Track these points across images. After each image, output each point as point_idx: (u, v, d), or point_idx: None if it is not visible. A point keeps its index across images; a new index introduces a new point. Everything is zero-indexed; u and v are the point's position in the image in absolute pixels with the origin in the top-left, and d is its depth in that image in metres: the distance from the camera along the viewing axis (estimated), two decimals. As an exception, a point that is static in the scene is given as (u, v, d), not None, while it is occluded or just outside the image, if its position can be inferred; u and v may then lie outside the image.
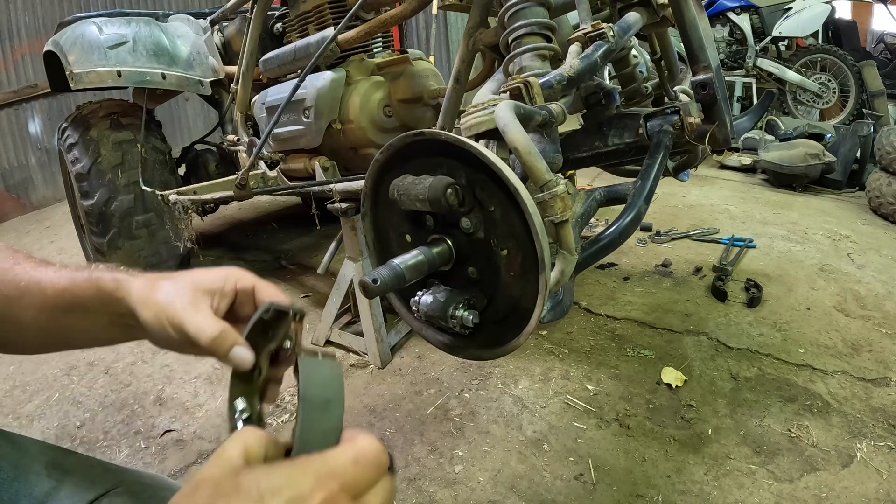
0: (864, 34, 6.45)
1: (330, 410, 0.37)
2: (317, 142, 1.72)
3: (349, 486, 0.32)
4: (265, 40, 2.03)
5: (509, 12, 0.93)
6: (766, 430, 1.34)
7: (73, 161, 2.11)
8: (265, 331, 0.48)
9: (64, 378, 1.81)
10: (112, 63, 1.99)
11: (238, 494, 0.30)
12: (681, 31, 0.96)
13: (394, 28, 1.91)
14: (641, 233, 2.61)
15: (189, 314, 0.47)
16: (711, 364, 1.61)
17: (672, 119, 0.95)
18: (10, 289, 0.52)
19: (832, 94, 4.45)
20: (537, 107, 0.73)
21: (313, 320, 2.05)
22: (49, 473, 0.53)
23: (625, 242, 0.81)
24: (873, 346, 1.66)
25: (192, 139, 2.82)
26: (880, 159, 2.81)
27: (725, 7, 4.75)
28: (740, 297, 1.98)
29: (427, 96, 1.67)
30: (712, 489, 1.19)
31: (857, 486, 1.17)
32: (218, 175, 2.50)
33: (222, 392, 1.67)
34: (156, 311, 0.48)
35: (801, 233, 2.58)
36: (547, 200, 0.61)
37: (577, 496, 1.20)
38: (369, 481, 0.34)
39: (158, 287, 0.49)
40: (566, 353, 1.71)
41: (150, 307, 0.48)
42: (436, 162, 0.51)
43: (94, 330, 0.53)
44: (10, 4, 4.03)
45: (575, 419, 1.43)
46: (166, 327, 0.48)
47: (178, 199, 1.96)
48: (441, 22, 5.82)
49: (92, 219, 2.09)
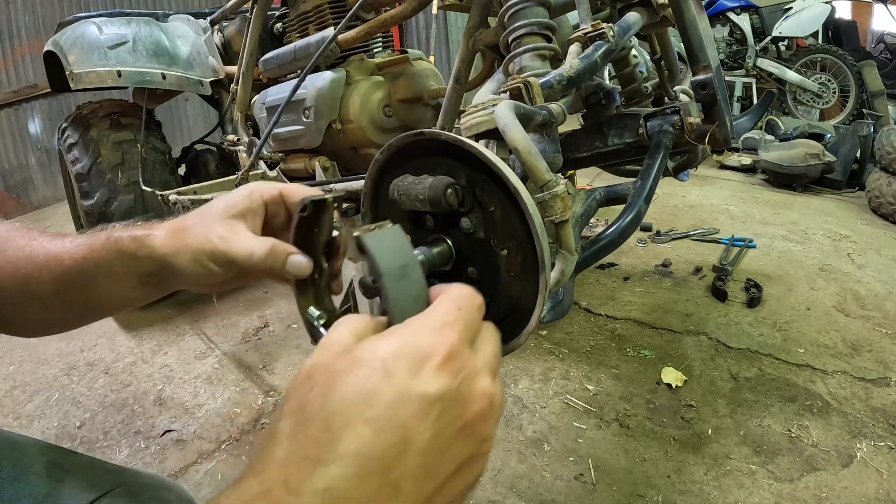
0: (864, 34, 6.45)
1: (410, 275, 0.35)
2: (317, 142, 1.72)
3: (464, 333, 0.31)
4: (265, 40, 2.03)
5: (509, 12, 0.93)
6: (766, 430, 1.34)
7: (73, 161, 2.11)
8: (310, 229, 0.47)
9: (64, 378, 1.81)
10: (112, 63, 1.99)
11: (359, 367, 0.28)
12: (681, 31, 0.96)
13: (394, 28, 1.91)
14: (641, 233, 2.61)
15: (232, 243, 0.46)
16: (711, 364, 1.61)
17: (672, 119, 0.95)
18: (28, 266, 0.51)
19: (832, 94, 4.45)
20: (537, 107, 0.73)
21: (313, 320, 2.05)
22: (49, 473, 0.53)
23: (625, 242, 0.81)
24: (873, 346, 1.66)
25: (192, 139, 2.82)
26: (880, 159, 2.81)
27: (725, 7, 4.75)
28: (740, 297, 1.98)
29: (427, 96, 1.67)
30: (712, 489, 1.19)
31: (857, 486, 1.17)
32: (218, 175, 2.49)
33: (222, 392, 1.67)
34: (193, 254, 0.47)
35: (801, 233, 2.58)
36: (547, 200, 0.61)
37: (577, 496, 1.20)
38: (477, 324, 0.33)
39: (186, 231, 0.48)
40: (566, 353, 1.71)
41: (186, 253, 0.47)
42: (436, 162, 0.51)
43: (123, 293, 0.52)
44: (10, 4, 4.03)
45: (575, 419, 1.43)
46: (209, 266, 0.47)
47: (178, 199, 1.96)
48: (441, 22, 5.82)
49: (92, 219, 2.09)
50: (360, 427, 0.26)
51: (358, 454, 0.25)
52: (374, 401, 0.26)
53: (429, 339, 0.29)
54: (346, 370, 0.28)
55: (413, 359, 0.28)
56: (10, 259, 0.52)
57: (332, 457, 0.25)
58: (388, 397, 0.26)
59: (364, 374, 0.27)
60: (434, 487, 0.28)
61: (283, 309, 2.18)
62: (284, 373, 1.75)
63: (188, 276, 0.48)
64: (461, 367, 0.29)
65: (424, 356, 0.28)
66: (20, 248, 0.52)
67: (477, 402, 0.29)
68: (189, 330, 2.06)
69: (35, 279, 0.51)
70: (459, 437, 0.28)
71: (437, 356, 0.28)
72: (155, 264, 0.49)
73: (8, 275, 0.51)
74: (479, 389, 0.29)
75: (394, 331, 0.30)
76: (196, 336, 2.02)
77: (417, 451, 0.26)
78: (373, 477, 0.25)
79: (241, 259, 0.46)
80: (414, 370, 0.27)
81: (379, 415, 0.26)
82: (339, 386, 0.27)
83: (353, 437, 0.26)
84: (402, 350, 0.28)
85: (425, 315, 0.31)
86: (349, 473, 0.25)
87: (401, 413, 0.26)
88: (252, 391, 1.67)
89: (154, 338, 2.02)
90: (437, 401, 0.27)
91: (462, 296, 0.33)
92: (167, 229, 0.49)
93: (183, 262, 0.47)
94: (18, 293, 0.51)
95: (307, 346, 1.89)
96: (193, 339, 2.00)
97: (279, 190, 0.51)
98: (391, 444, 0.26)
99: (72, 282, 0.51)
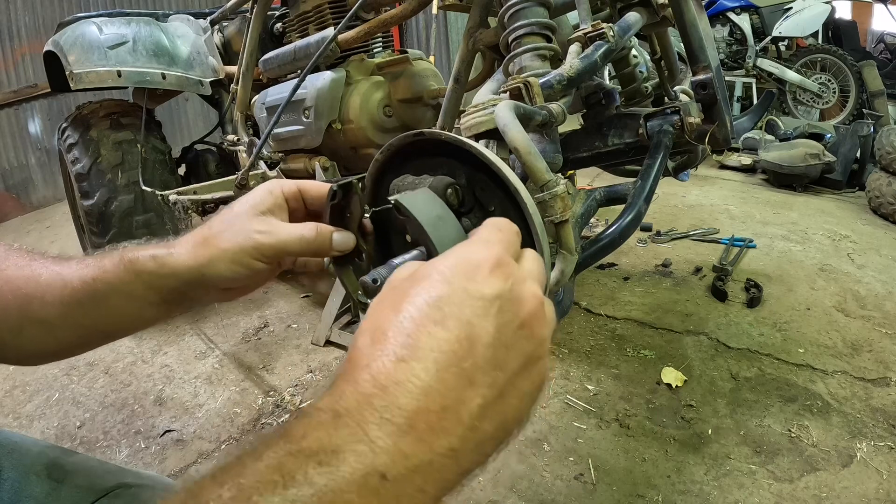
0: (864, 34, 6.45)
1: (447, 222, 0.40)
2: (317, 142, 1.72)
3: (507, 247, 0.34)
4: (265, 40, 2.03)
5: (509, 12, 0.93)
6: (766, 430, 1.34)
7: (73, 161, 2.11)
8: (342, 214, 0.49)
9: (64, 378, 1.81)
10: (112, 63, 1.99)
11: (422, 281, 0.31)
12: (681, 31, 0.96)
13: (394, 28, 1.91)
14: (641, 233, 2.61)
15: (278, 234, 0.47)
16: (711, 364, 1.61)
17: (672, 119, 0.95)
18: (29, 285, 0.49)
19: (832, 94, 4.45)
20: (537, 107, 0.73)
21: (314, 320, 2.05)
22: (50, 474, 0.53)
23: (625, 242, 0.81)
24: (873, 346, 1.66)
25: (192, 139, 2.82)
26: (880, 159, 2.81)
27: (725, 7, 4.75)
28: (740, 297, 1.98)
29: (427, 96, 1.67)
30: (712, 489, 1.19)
31: (857, 486, 1.17)
32: (218, 175, 2.49)
33: (222, 392, 1.67)
34: (233, 256, 0.47)
35: (801, 233, 2.58)
36: (547, 200, 0.61)
37: (577, 496, 1.20)
38: (517, 244, 0.36)
39: (216, 238, 0.48)
40: (566, 353, 1.71)
41: (223, 259, 0.47)
42: (436, 162, 0.51)
43: (140, 313, 0.51)
44: (10, 4, 4.03)
45: (575, 419, 1.43)
46: (252, 265, 0.47)
47: (178, 199, 1.96)
48: (441, 22, 5.81)
49: (92, 219, 2.09)
50: (431, 327, 0.29)
51: (433, 349, 0.28)
52: (440, 304, 0.30)
53: (478, 252, 0.32)
54: (410, 286, 0.31)
55: (467, 268, 0.31)
56: (9, 278, 0.50)
57: (410, 354, 0.28)
58: (452, 300, 0.30)
59: (427, 285, 0.31)
60: (505, 380, 0.30)
61: (283, 309, 2.18)
62: (284, 373, 1.75)
63: (224, 281, 0.48)
64: (510, 273, 0.32)
65: (477, 265, 0.31)
66: (20, 266, 0.50)
67: (529, 302, 0.32)
68: (189, 330, 2.06)
69: (37, 300, 0.49)
70: (520, 334, 0.31)
71: (488, 263, 0.31)
72: (179, 280, 0.48)
73: (7, 294, 0.49)
74: (529, 291, 0.32)
75: (446, 254, 0.34)
76: (196, 336, 2.02)
77: (485, 344, 0.29)
78: (449, 369, 0.28)
79: (292, 245, 0.47)
80: (470, 275, 0.31)
81: (446, 315, 0.29)
82: (407, 298, 0.30)
83: (427, 336, 0.29)
84: (457, 263, 0.32)
85: (470, 240, 0.35)
86: (428, 367, 0.28)
87: (465, 312, 0.29)
88: (252, 391, 1.67)
89: (154, 338, 2.02)
90: (495, 299, 0.30)
91: (499, 221, 0.37)
92: (191, 243, 0.49)
93: (220, 269, 0.47)
94: (18, 315, 0.49)
95: (307, 346, 1.89)
96: (193, 339, 2.00)
97: (297, 186, 0.51)
98: (460, 338, 0.29)
99: (81, 303, 0.49)
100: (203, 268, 0.47)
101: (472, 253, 0.32)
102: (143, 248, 0.50)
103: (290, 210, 0.51)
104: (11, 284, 0.50)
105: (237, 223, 0.48)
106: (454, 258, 0.32)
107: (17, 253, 0.52)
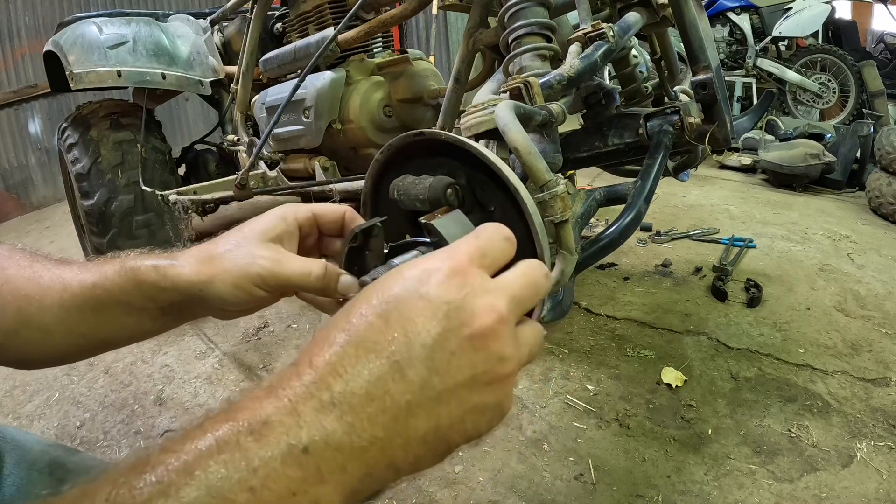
0: (864, 34, 6.45)
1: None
2: (317, 142, 1.72)
3: (474, 256, 0.34)
4: (265, 40, 2.03)
5: (509, 12, 0.93)
6: (766, 430, 1.34)
7: (73, 161, 2.11)
8: (361, 253, 0.48)
9: (64, 378, 1.81)
10: (112, 63, 1.99)
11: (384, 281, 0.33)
12: (681, 31, 0.96)
13: (394, 28, 1.91)
14: (641, 233, 2.61)
15: (285, 266, 0.46)
16: (711, 364, 1.61)
17: (672, 119, 0.95)
18: (30, 287, 0.48)
19: (832, 94, 4.45)
20: (537, 107, 0.73)
21: (314, 321, 2.05)
22: (52, 472, 0.53)
23: (625, 242, 0.81)
24: (873, 346, 1.66)
25: (192, 139, 2.82)
26: (880, 159, 2.81)
27: (725, 7, 4.75)
28: (740, 297, 1.98)
29: (427, 96, 1.67)
30: (712, 489, 1.19)
31: (857, 486, 1.17)
32: (218, 175, 2.50)
33: (222, 392, 1.67)
34: (235, 280, 0.46)
35: (801, 233, 2.58)
36: (547, 200, 0.61)
37: (577, 496, 1.20)
38: (497, 252, 0.35)
39: (221, 258, 0.47)
40: (566, 353, 1.71)
41: (225, 280, 0.46)
42: (436, 162, 0.51)
43: (138, 324, 0.50)
44: (10, 4, 4.03)
45: (575, 419, 1.43)
46: (253, 291, 0.46)
47: (178, 199, 1.96)
48: (441, 22, 5.81)
49: (92, 219, 2.09)
50: (373, 319, 0.31)
51: (369, 339, 0.30)
52: (388, 300, 0.31)
53: (439, 260, 0.33)
54: (374, 286, 0.33)
55: (423, 273, 0.32)
56: (10, 277, 0.49)
57: (347, 340, 0.30)
58: (400, 297, 0.31)
59: (386, 285, 0.32)
60: (443, 386, 0.30)
61: (283, 309, 2.18)
62: (284, 373, 1.75)
63: (223, 302, 0.47)
64: (466, 283, 0.32)
65: (434, 270, 0.32)
66: (22, 266, 0.50)
67: (484, 316, 0.31)
68: (189, 330, 2.06)
69: (36, 303, 0.48)
70: (468, 345, 0.31)
71: (444, 270, 0.32)
72: (180, 294, 0.47)
73: (6, 294, 0.48)
74: (485, 304, 0.31)
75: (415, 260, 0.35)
76: (196, 336, 2.02)
77: (422, 343, 0.30)
78: (380, 359, 0.29)
79: (296, 280, 0.46)
80: (424, 280, 0.32)
81: (390, 310, 0.31)
82: (367, 295, 0.33)
83: (367, 327, 0.30)
84: (419, 268, 0.33)
85: (439, 249, 0.36)
86: (360, 354, 0.29)
87: (409, 310, 0.31)
88: (252, 391, 1.67)
89: (154, 338, 2.02)
90: (443, 304, 0.31)
91: (484, 227, 0.37)
92: (195, 258, 0.48)
93: (220, 290, 0.46)
94: (16, 317, 0.48)
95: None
96: (193, 339, 2.00)
97: (312, 211, 0.51)
98: (398, 333, 0.30)
99: (79, 309, 0.48)
100: (204, 285, 0.47)
101: (433, 261, 0.33)
102: (145, 256, 0.49)
103: (303, 236, 0.51)
104: (11, 285, 0.49)
105: (244, 246, 0.47)
106: (420, 264, 0.33)
107: (20, 253, 0.52)
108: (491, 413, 0.32)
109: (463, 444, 0.32)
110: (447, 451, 0.32)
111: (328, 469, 0.27)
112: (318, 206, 0.51)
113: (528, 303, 0.34)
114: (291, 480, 0.26)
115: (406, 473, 0.31)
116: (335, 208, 0.51)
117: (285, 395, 0.29)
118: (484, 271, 0.34)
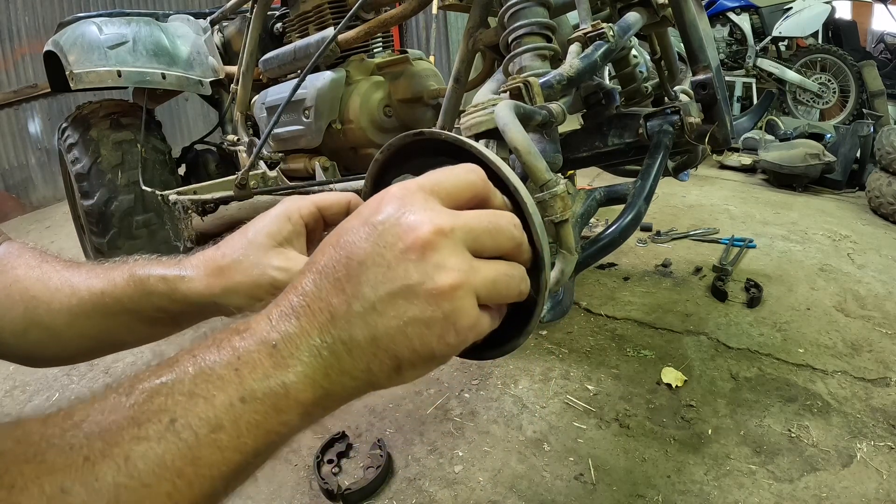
0: (864, 34, 6.45)
1: None
2: (317, 142, 1.72)
3: (426, 184, 0.35)
4: (265, 40, 2.03)
5: (509, 12, 0.93)
6: (766, 430, 1.34)
7: (73, 161, 2.11)
8: None
9: (64, 378, 1.81)
10: (112, 63, 1.99)
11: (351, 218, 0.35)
12: (681, 31, 0.96)
13: (394, 28, 1.91)
14: (641, 233, 2.61)
15: (294, 273, 0.46)
16: (711, 364, 1.61)
17: (672, 119, 0.95)
18: (38, 288, 0.48)
19: (832, 94, 4.45)
20: (537, 107, 0.73)
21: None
22: None
23: (625, 242, 0.81)
24: (873, 346, 1.66)
25: (192, 139, 2.82)
26: (880, 159, 2.81)
27: (725, 7, 4.75)
28: (740, 297, 1.97)
29: (427, 96, 1.67)
30: (712, 489, 1.19)
31: (857, 486, 1.17)
32: (218, 175, 2.49)
33: (222, 392, 1.67)
34: (248, 291, 0.46)
35: (801, 233, 2.58)
36: (547, 200, 0.61)
37: (577, 496, 1.20)
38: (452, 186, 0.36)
39: (231, 269, 0.47)
40: (566, 353, 1.71)
41: (239, 292, 0.46)
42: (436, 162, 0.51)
43: (146, 331, 0.51)
44: (10, 4, 4.03)
45: (575, 419, 1.43)
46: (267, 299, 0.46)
47: (178, 199, 1.96)
48: (441, 22, 5.82)
49: (92, 219, 2.09)
50: (328, 249, 0.34)
51: (320, 263, 0.34)
52: (341, 232, 0.34)
53: (393, 190, 0.35)
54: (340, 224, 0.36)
55: (376, 202, 0.34)
56: (19, 277, 0.49)
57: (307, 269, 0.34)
58: (348, 226, 0.34)
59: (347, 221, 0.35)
60: (376, 297, 0.32)
61: (283, 309, 2.18)
62: (284, 373, 1.75)
63: (237, 310, 0.47)
64: (405, 203, 0.33)
65: (379, 199, 0.35)
66: (31, 266, 0.49)
67: (418, 229, 0.32)
68: (189, 330, 2.06)
69: (44, 305, 0.48)
70: (402, 258, 0.32)
71: (387, 197, 0.34)
72: (191, 305, 0.47)
73: (14, 294, 0.48)
74: (421, 218, 0.33)
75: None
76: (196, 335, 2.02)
77: (359, 261, 0.32)
78: (326, 279, 0.33)
79: None
80: (374, 209, 0.34)
81: (339, 239, 0.34)
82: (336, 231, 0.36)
83: (321, 254, 0.34)
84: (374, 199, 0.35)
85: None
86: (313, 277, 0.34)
87: (352, 236, 0.33)
88: (252, 391, 1.67)
89: (154, 338, 2.02)
90: (378, 224, 0.33)
91: (451, 167, 0.37)
92: (204, 269, 0.47)
93: (234, 301, 0.46)
94: (24, 317, 0.48)
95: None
96: (193, 339, 2.00)
97: (316, 205, 0.50)
98: (340, 255, 0.33)
99: (88, 315, 0.48)
100: (217, 297, 0.47)
101: (387, 194, 0.35)
102: (152, 265, 0.49)
103: (309, 231, 0.50)
104: (20, 285, 0.49)
105: (253, 254, 0.47)
106: (376, 198, 0.35)
107: (30, 252, 0.52)
108: (439, 327, 0.32)
109: (416, 360, 0.33)
110: (398, 365, 0.33)
111: (292, 361, 0.31)
112: (321, 197, 0.50)
113: (485, 239, 0.34)
114: (266, 368, 0.31)
115: (363, 382, 0.33)
116: (339, 197, 0.50)
117: (265, 311, 0.34)
118: (434, 198, 0.34)
